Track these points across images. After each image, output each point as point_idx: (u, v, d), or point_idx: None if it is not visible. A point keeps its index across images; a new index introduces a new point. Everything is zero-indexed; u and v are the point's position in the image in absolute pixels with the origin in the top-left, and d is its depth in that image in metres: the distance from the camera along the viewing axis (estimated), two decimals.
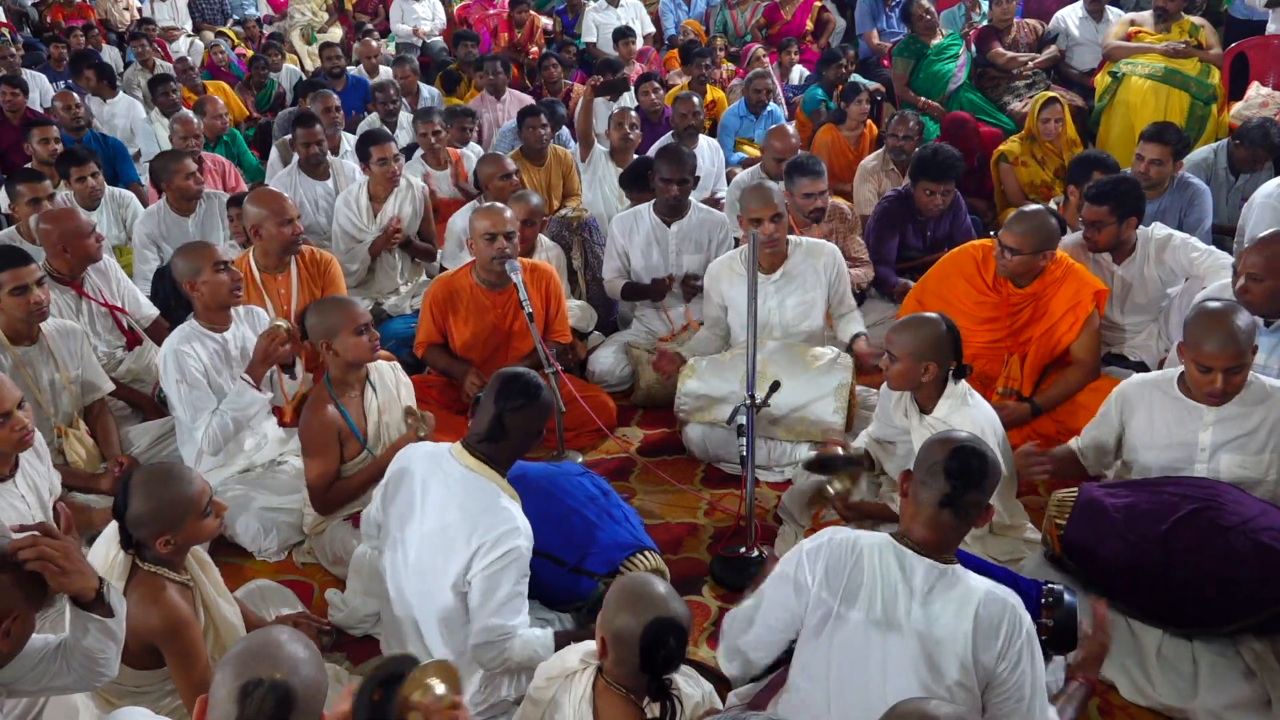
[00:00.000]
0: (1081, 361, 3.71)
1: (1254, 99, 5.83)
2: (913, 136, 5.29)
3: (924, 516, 2.05)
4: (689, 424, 3.83)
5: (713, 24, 9.15)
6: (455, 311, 3.94)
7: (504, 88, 7.26)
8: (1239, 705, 2.50)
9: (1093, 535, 2.72)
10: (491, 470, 2.47)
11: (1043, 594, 2.38)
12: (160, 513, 2.25)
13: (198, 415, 3.28)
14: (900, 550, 2.04)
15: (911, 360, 2.87)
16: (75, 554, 1.89)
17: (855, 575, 2.03)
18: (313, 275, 4.05)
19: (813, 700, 2.08)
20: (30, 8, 10.80)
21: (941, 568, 2.02)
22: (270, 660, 1.61)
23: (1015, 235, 3.58)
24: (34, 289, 3.25)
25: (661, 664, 1.97)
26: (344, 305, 3.16)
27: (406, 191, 5.02)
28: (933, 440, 2.15)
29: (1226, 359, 2.64)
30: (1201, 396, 2.75)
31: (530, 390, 2.48)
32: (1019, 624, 1.96)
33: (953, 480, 2.02)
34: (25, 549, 1.82)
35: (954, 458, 2.04)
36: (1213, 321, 2.67)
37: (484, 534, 2.36)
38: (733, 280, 3.88)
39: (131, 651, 2.26)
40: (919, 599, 1.98)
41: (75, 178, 4.94)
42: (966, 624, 1.94)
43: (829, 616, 2.04)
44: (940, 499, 2.03)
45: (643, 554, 2.78)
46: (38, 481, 2.89)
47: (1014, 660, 1.94)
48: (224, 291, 3.34)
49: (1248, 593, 2.53)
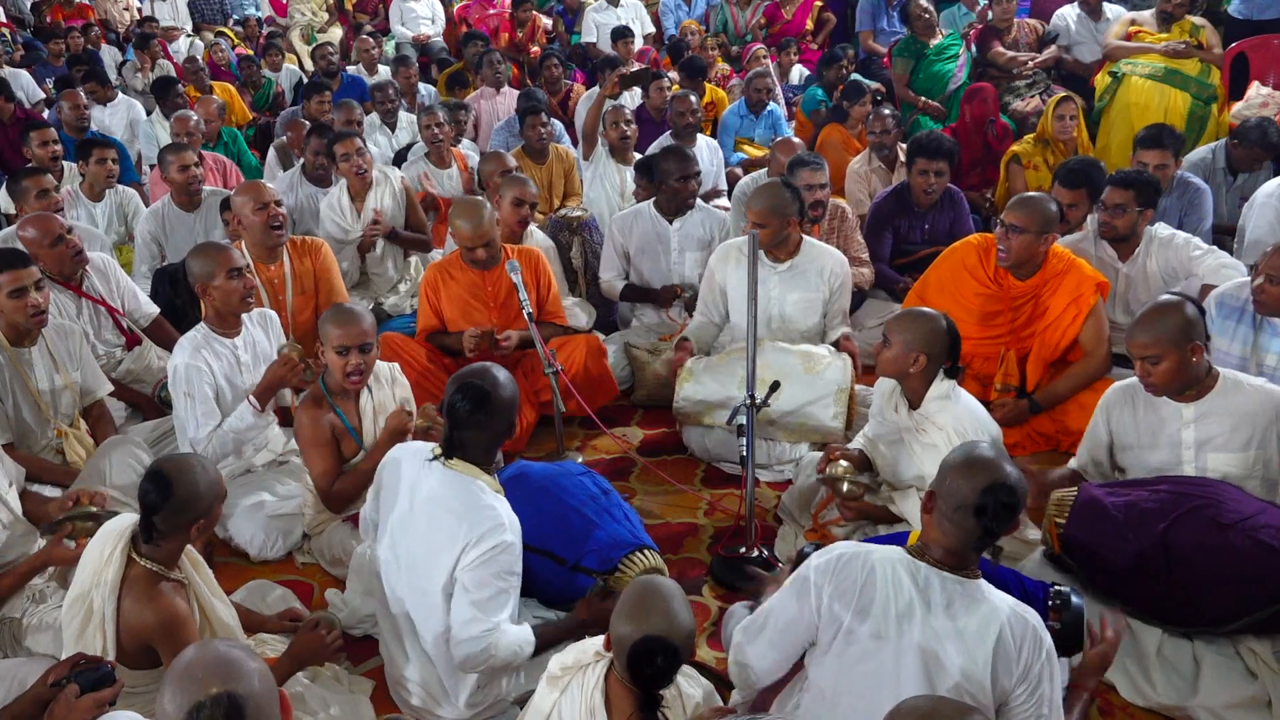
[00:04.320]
0: (1090, 354, 3.71)
1: (1254, 99, 5.83)
2: (890, 131, 5.35)
3: (948, 545, 1.99)
4: (687, 427, 3.83)
5: (713, 24, 9.15)
6: (447, 289, 3.97)
7: (504, 82, 7.27)
8: (1240, 705, 2.50)
9: (1092, 534, 2.72)
10: (474, 468, 2.47)
11: (1050, 596, 2.37)
12: (203, 497, 2.29)
13: (200, 430, 3.28)
14: (915, 565, 2.00)
15: (903, 348, 2.89)
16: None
17: (868, 590, 1.99)
18: (304, 261, 4.07)
19: (826, 712, 2.07)
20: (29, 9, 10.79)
21: (963, 582, 1.98)
22: (216, 674, 1.59)
23: (1019, 214, 3.61)
24: (32, 291, 3.23)
25: (648, 679, 1.95)
26: (342, 320, 3.03)
27: (385, 184, 5.03)
28: (959, 466, 2.02)
29: (1139, 348, 2.77)
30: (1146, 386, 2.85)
31: (478, 399, 2.41)
32: (1040, 646, 1.92)
33: (985, 522, 1.95)
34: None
35: (986, 497, 1.93)
36: (1144, 312, 2.83)
37: (470, 531, 2.36)
38: (740, 264, 3.84)
39: (127, 650, 2.28)
40: (938, 613, 1.94)
41: (95, 159, 5.08)
42: (988, 644, 1.90)
43: (839, 631, 2.01)
44: (974, 543, 1.98)
45: (641, 552, 2.77)
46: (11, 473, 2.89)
47: (1033, 684, 1.92)
48: (235, 299, 3.33)
49: (1247, 591, 2.53)
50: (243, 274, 3.33)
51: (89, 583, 2.27)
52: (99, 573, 2.26)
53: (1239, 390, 2.81)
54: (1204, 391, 2.83)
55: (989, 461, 2.01)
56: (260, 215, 3.87)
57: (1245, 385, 2.82)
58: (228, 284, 3.29)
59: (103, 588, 2.25)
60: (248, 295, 3.36)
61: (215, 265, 3.27)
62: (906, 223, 4.77)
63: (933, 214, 4.75)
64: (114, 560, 2.27)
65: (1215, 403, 2.81)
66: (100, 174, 5.09)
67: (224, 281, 3.28)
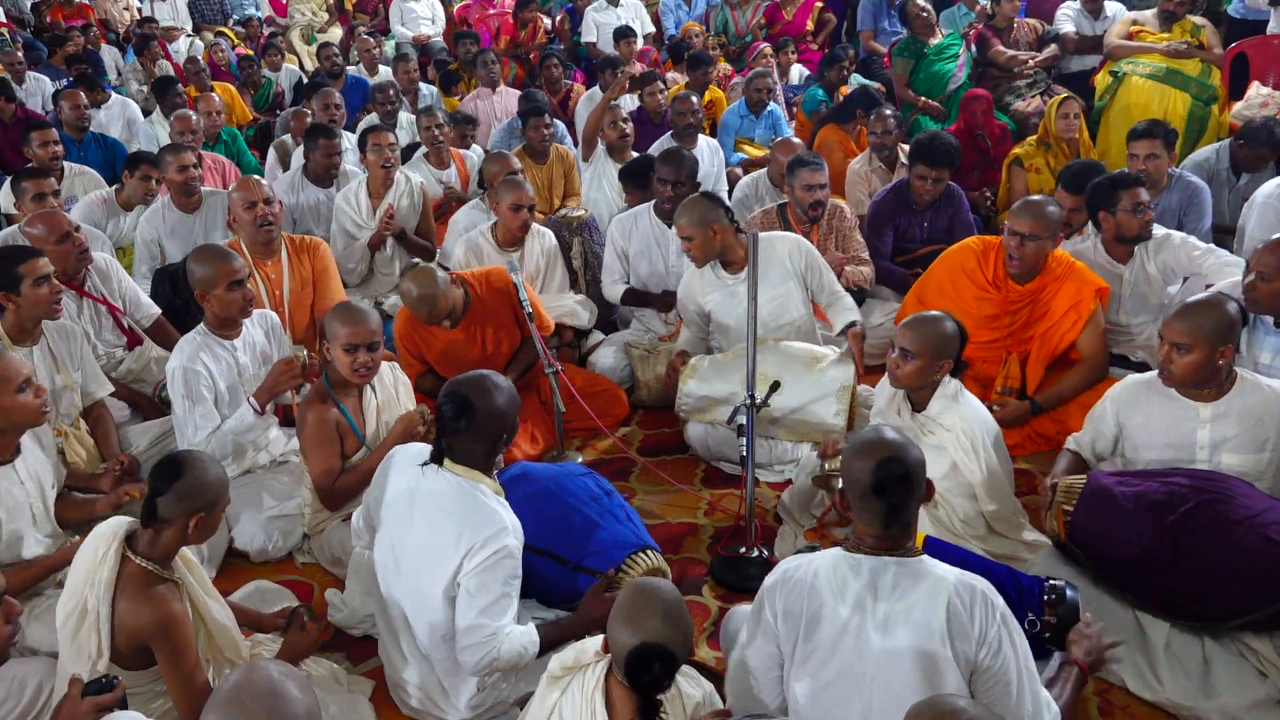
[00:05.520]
0: (1088, 358, 3.71)
1: (1254, 99, 5.83)
2: (891, 132, 5.33)
3: (874, 531, 2.02)
4: (691, 422, 3.83)
5: (713, 24, 9.16)
6: (429, 347, 3.83)
7: (499, 81, 7.28)
8: (1252, 705, 2.48)
9: (1100, 523, 2.71)
10: (475, 471, 2.47)
11: (1045, 590, 2.38)
12: (210, 487, 2.32)
13: (199, 433, 3.28)
14: (854, 559, 2.02)
15: (930, 358, 2.89)
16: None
17: (815, 596, 2.00)
18: (302, 260, 4.07)
19: (808, 713, 2.06)
20: (29, 9, 10.79)
21: (903, 561, 1.99)
22: (261, 706, 1.60)
23: (1031, 222, 3.61)
24: (53, 280, 3.31)
25: (645, 686, 1.95)
26: (350, 318, 3.04)
27: (405, 186, 5.05)
28: (854, 452, 2.05)
29: (1172, 334, 2.78)
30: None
31: (461, 407, 2.41)
32: (992, 609, 1.93)
33: (887, 498, 1.98)
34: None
35: (877, 474, 1.97)
36: (1190, 302, 2.85)
37: (473, 535, 2.36)
38: (704, 289, 3.85)
39: (122, 651, 2.27)
40: (885, 597, 1.96)
41: (140, 175, 4.92)
42: (940, 614, 1.91)
43: (798, 642, 2.03)
44: (884, 519, 1.99)
45: (644, 553, 2.77)
46: (39, 470, 2.90)
47: (994, 646, 1.92)
48: (235, 310, 3.34)
49: (1254, 587, 2.53)
50: (243, 284, 3.32)
51: (83, 583, 2.26)
52: (93, 573, 2.26)
53: (1258, 391, 2.80)
54: (1222, 392, 2.82)
55: (874, 441, 2.05)
56: (249, 214, 3.90)
57: (1264, 387, 2.81)
58: (228, 295, 3.29)
59: (97, 588, 2.24)
60: (247, 305, 3.36)
61: (216, 275, 3.27)
62: (906, 220, 4.77)
63: (932, 211, 4.75)
64: (108, 560, 2.26)
65: (1233, 403, 2.80)
66: (142, 189, 4.93)
67: (224, 292, 3.29)
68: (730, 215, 3.76)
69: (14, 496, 2.79)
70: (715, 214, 3.69)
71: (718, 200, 3.78)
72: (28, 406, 2.74)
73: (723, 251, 3.75)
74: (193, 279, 3.33)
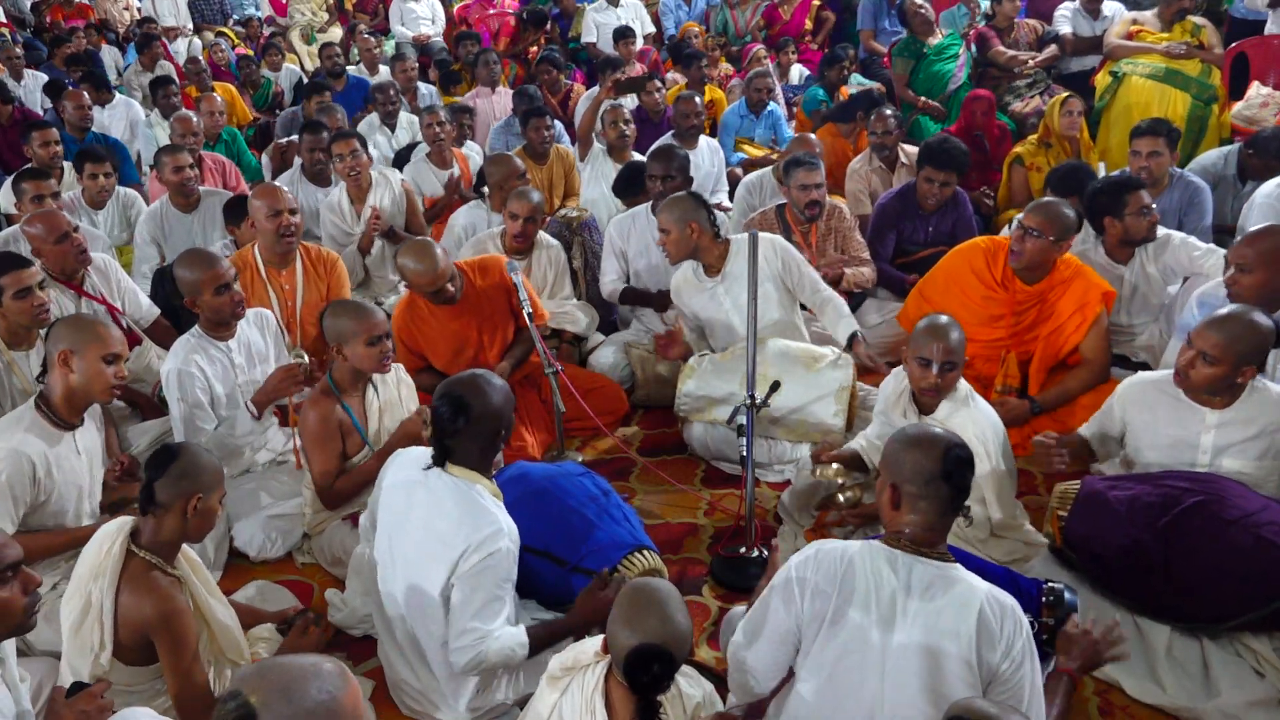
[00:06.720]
0: (1090, 362, 3.71)
1: (1254, 99, 5.83)
2: (891, 132, 5.32)
3: (925, 523, 2.02)
4: (691, 422, 3.83)
5: (713, 24, 9.16)
6: (424, 335, 3.84)
7: (499, 81, 7.28)
8: (1251, 704, 2.48)
9: (1094, 527, 2.72)
10: (472, 473, 2.47)
11: (1043, 593, 2.38)
12: (205, 468, 2.35)
13: (195, 435, 3.28)
14: (892, 554, 2.02)
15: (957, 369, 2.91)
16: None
17: (848, 581, 2.01)
18: (318, 272, 4.04)
19: (814, 705, 2.07)
20: (29, 9, 10.79)
21: (940, 565, 2.01)
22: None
23: (1039, 219, 3.61)
24: (36, 291, 3.26)
25: (644, 687, 1.95)
26: (363, 312, 3.10)
27: (384, 185, 5.07)
28: (911, 445, 2.06)
29: (1202, 340, 2.74)
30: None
31: (456, 407, 2.41)
32: (1020, 625, 1.96)
33: (954, 484, 2.01)
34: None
35: (946, 461, 2.00)
36: (1229, 313, 2.78)
37: (468, 537, 2.36)
38: (689, 292, 3.87)
39: (124, 646, 2.29)
40: (918, 596, 1.97)
41: (88, 174, 4.95)
42: (970, 622, 1.93)
43: (824, 623, 2.03)
44: (946, 506, 2.01)
45: (641, 553, 2.77)
46: (92, 447, 2.94)
47: (1017, 660, 1.94)
48: (224, 314, 3.33)
49: (1249, 587, 2.53)
50: (230, 288, 3.31)
51: (88, 575, 2.28)
52: (98, 565, 2.27)
53: (1267, 400, 2.78)
54: (1233, 400, 2.80)
55: (929, 433, 2.09)
56: (272, 223, 3.85)
57: (1273, 392, 2.79)
58: (215, 300, 3.29)
59: (101, 580, 2.26)
60: (237, 307, 3.35)
61: (202, 280, 3.27)
62: (910, 224, 4.76)
63: (937, 216, 4.75)
64: (113, 554, 2.28)
65: (1240, 410, 2.79)
66: (93, 188, 4.98)
67: (211, 298, 3.28)
68: (713, 220, 3.76)
69: (71, 464, 2.83)
70: (697, 214, 3.70)
71: (703, 202, 3.78)
72: (106, 380, 2.79)
73: (697, 253, 3.76)
74: (180, 285, 3.32)
